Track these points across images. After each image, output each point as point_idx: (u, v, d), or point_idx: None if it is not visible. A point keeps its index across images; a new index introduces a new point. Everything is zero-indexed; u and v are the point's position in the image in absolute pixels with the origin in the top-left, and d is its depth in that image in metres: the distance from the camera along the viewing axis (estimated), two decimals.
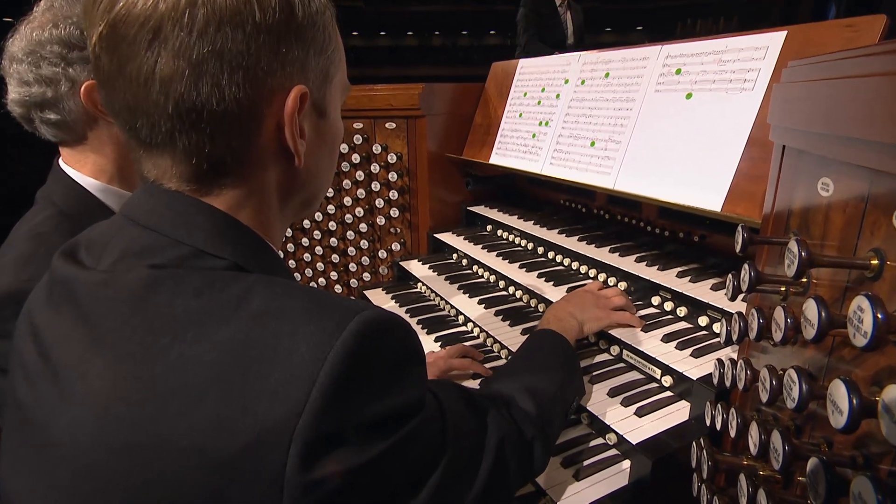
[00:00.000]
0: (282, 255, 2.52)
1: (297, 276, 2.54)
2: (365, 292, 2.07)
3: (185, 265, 0.63)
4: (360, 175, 2.20)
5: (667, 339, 1.28)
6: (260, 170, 0.70)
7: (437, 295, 1.87)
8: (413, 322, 1.76)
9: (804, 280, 0.74)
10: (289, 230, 2.45)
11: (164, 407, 0.56)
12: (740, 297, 0.86)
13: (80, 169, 1.21)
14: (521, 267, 1.76)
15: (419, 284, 2.03)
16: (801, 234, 0.77)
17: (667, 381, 1.24)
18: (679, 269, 1.44)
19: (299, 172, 0.74)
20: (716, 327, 1.27)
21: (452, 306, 1.77)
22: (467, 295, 1.78)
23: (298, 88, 0.68)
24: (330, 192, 2.29)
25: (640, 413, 1.16)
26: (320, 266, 2.46)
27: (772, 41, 1.13)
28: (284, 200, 0.76)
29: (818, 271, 0.70)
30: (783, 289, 0.80)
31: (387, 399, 0.60)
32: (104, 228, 0.72)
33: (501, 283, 1.82)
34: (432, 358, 1.39)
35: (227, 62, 0.62)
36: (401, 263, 2.12)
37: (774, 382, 0.65)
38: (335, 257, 2.40)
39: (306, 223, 2.40)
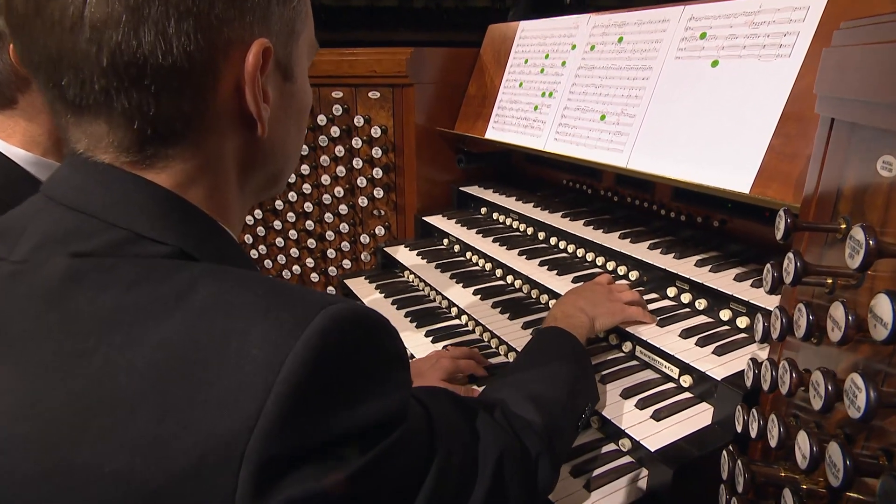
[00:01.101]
0: (251, 241, 2.45)
1: (269, 263, 2.48)
2: (345, 281, 2.02)
3: (117, 253, 0.58)
4: (339, 150, 2.15)
5: (685, 334, 1.26)
6: (215, 139, 0.64)
7: (426, 285, 1.84)
8: (401, 315, 1.73)
9: (857, 273, 0.71)
10: (259, 211, 2.39)
11: (84, 426, 0.51)
12: (773, 290, 0.83)
13: (7, 138, 1.13)
14: (520, 254, 1.73)
15: (406, 273, 1.99)
16: (853, 220, 0.74)
17: (686, 380, 1.22)
18: (697, 257, 1.42)
19: (262, 144, 0.69)
20: (740, 322, 1.25)
21: (444, 297, 1.74)
22: (461, 285, 1.75)
23: (260, 42, 0.63)
24: (306, 170, 2.24)
25: (657, 416, 1.14)
26: (295, 252, 2.40)
27: (813, 0, 1.09)
28: (244, 177, 0.71)
29: (877, 262, 0.66)
30: (829, 281, 0.77)
31: (360, 409, 0.56)
32: (22, 211, 0.65)
33: (499, 272, 1.79)
34: (435, 358, 1.36)
35: (174, 6, 0.56)
36: (385, 249, 2.08)
37: (831, 388, 0.62)
38: (311, 242, 2.35)
39: (279, 204, 2.34)
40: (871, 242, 0.58)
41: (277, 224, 2.38)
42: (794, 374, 0.73)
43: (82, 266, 0.57)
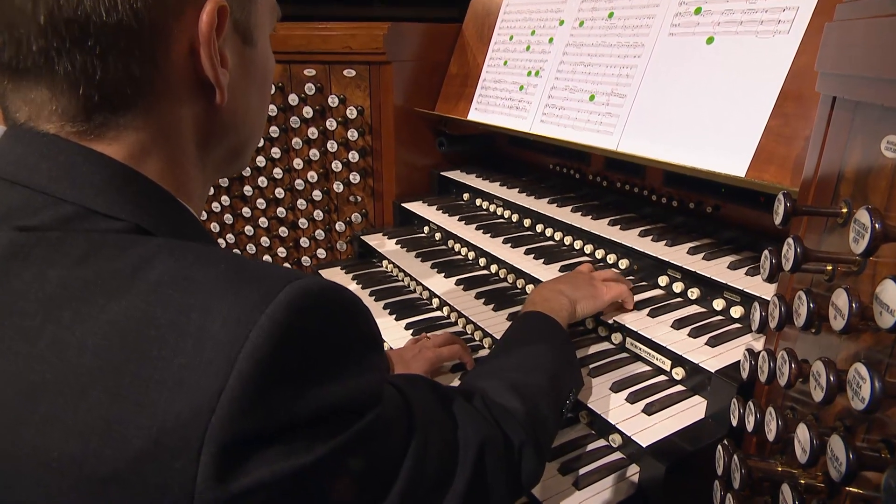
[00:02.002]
0: (217, 229, 2.40)
1: (237, 253, 2.43)
2: (320, 272, 1.99)
3: (66, 227, 0.57)
4: (312, 132, 2.11)
5: (677, 325, 1.26)
6: (170, 107, 0.64)
7: (406, 275, 1.83)
8: (379, 306, 1.71)
9: (858, 259, 0.71)
10: (226, 198, 2.34)
11: (30, 409, 0.50)
12: (771, 277, 0.84)
13: None
14: (504, 242, 1.72)
15: (385, 262, 1.97)
16: (855, 203, 0.74)
17: (678, 373, 1.22)
18: (690, 244, 1.43)
19: (223, 112, 0.69)
20: (734, 311, 1.26)
21: (425, 288, 1.73)
22: (442, 274, 1.74)
23: (215, 1, 0.62)
24: (277, 153, 2.20)
25: (648, 410, 1.14)
26: (265, 241, 2.36)
27: None
28: (205, 149, 0.70)
29: (881, 247, 0.66)
30: (829, 268, 0.77)
31: (330, 388, 0.55)
32: None
33: (482, 261, 1.78)
34: (418, 348, 1.35)
35: None
36: (363, 238, 2.06)
37: (833, 378, 0.62)
38: (283, 230, 2.31)
39: (248, 190, 2.29)
40: (877, 226, 0.57)
41: (246, 211, 2.33)
42: (793, 365, 0.73)
43: (27, 240, 0.55)
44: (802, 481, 0.74)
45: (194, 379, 0.49)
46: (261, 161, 2.22)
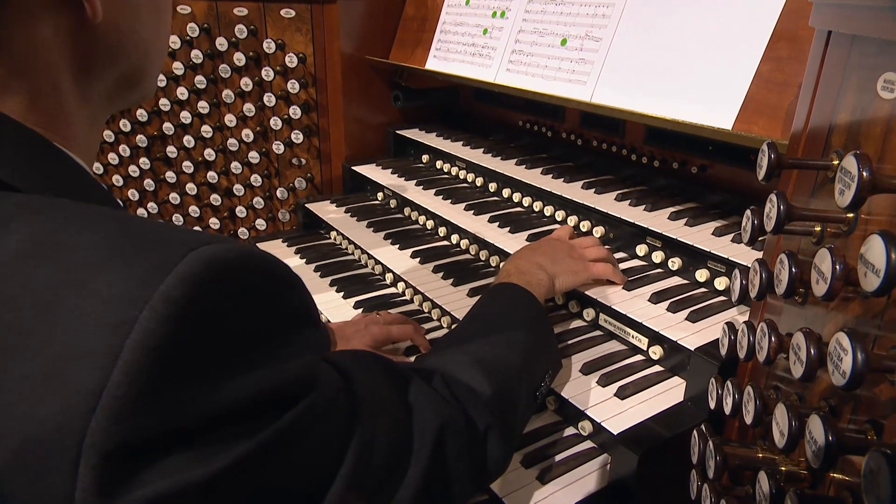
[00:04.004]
0: (136, 197, 2.34)
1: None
2: (258, 245, 1.95)
3: None
4: (246, 83, 2.07)
5: (656, 298, 1.26)
6: (23, 28, 0.58)
7: (356, 247, 1.82)
8: (325, 283, 1.69)
9: (849, 216, 0.70)
10: (146, 160, 2.26)
11: None
12: (752, 240, 0.83)
13: None
14: (467, 209, 1.72)
15: (333, 234, 1.96)
16: (846, 153, 0.73)
17: (655, 352, 1.22)
18: (672, 209, 1.43)
19: (101, 31, 0.64)
20: (718, 283, 1.26)
21: (377, 261, 1.72)
22: (397, 246, 1.74)
23: None
24: (205, 108, 2.13)
25: (622, 394, 1.14)
26: (195, 210, 2.31)
27: None
28: (87, 78, 0.65)
29: (871, 204, 0.65)
30: (818, 229, 0.76)
31: (247, 379, 0.51)
32: None
33: (442, 231, 1.78)
34: (364, 323, 1.33)
35: None
36: (308, 206, 2.04)
37: (813, 352, 0.61)
38: (216, 198, 2.27)
39: (171, 150, 2.22)
40: (864, 174, 0.56)
41: (171, 176, 2.27)
42: (773, 338, 0.72)
43: None
44: (783, 468, 0.73)
45: (67, 373, 0.45)
46: (186, 117, 2.15)
